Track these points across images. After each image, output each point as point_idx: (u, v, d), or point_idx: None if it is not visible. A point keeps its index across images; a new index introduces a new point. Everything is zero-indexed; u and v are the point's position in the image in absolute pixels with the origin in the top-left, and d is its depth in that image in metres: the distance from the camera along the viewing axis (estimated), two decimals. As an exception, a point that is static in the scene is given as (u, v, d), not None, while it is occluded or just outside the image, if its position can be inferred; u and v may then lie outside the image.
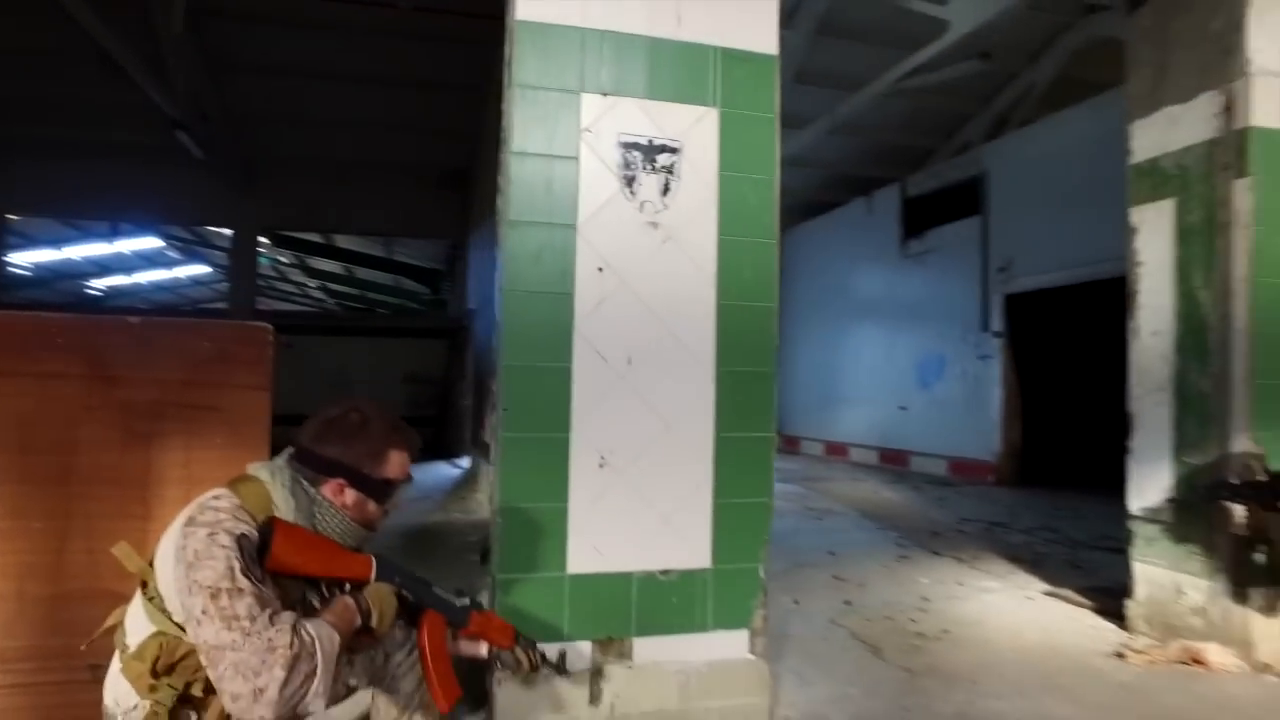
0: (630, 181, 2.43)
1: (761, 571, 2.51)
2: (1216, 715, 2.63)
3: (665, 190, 2.46)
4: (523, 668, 1.85)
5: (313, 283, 21.91)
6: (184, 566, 1.37)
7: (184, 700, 1.45)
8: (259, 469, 1.60)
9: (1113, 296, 8.24)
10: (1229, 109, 3.22)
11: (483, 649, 1.82)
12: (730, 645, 2.46)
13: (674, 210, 2.47)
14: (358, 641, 1.53)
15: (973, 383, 9.38)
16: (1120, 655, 3.17)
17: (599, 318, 2.39)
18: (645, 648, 2.39)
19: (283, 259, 19.16)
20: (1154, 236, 3.49)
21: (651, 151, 2.45)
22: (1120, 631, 3.46)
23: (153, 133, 9.46)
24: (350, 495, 1.60)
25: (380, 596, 1.53)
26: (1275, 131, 3.17)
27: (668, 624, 2.41)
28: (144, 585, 1.53)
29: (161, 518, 2.19)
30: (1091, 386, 9.34)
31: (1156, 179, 3.50)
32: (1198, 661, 3.02)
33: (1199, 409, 3.24)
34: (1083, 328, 9.10)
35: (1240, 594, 3.07)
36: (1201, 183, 3.29)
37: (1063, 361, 9.10)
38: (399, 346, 12.06)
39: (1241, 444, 3.07)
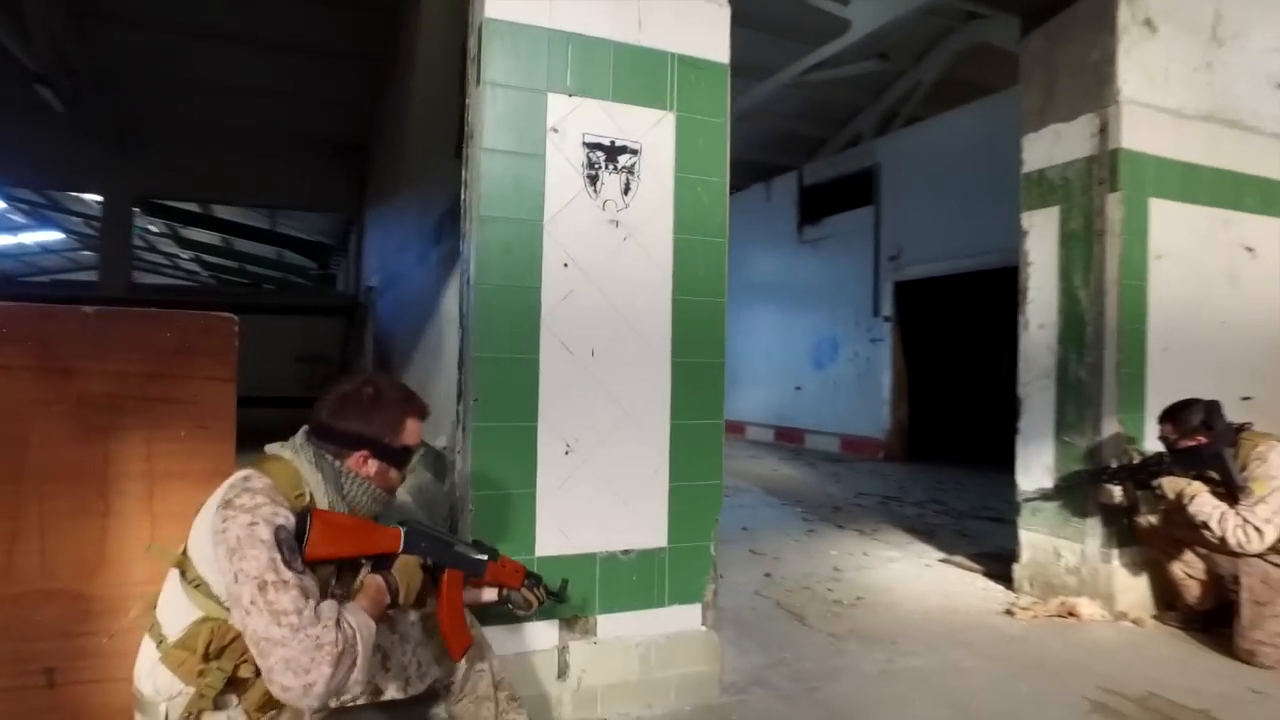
0: (594, 180, 2.54)
1: (712, 549, 2.70)
2: (1088, 658, 3.05)
3: (626, 190, 2.58)
4: (532, 605, 1.99)
5: (185, 254, 20.50)
6: (225, 550, 1.42)
7: (230, 683, 1.50)
8: (281, 448, 1.67)
9: (992, 287, 9.05)
10: (1104, 130, 3.64)
11: (494, 594, 1.96)
12: (684, 618, 2.65)
13: (634, 209, 2.59)
14: (384, 614, 1.63)
15: (864, 364, 10.00)
16: (1010, 612, 3.58)
17: (564, 312, 2.49)
18: (608, 624, 2.53)
19: (152, 228, 17.83)
20: (1041, 239, 3.89)
21: (614, 152, 2.56)
22: (1008, 592, 3.89)
23: (9, 87, 8.63)
24: (374, 465, 1.69)
25: (407, 571, 1.64)
26: (1139, 154, 3.61)
27: (628, 601, 2.56)
28: (183, 572, 1.55)
29: (123, 513, 2.14)
30: (971, 370, 10.18)
31: (1044, 188, 3.89)
32: (1072, 614, 3.46)
33: (1077, 394, 3.67)
34: (964, 315, 9.88)
35: (1106, 555, 3.53)
36: (1082, 194, 3.71)
37: (946, 346, 9.85)
38: (291, 324, 11.57)
39: (1111, 424, 3.52)
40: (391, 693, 1.80)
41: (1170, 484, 3.15)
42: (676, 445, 2.64)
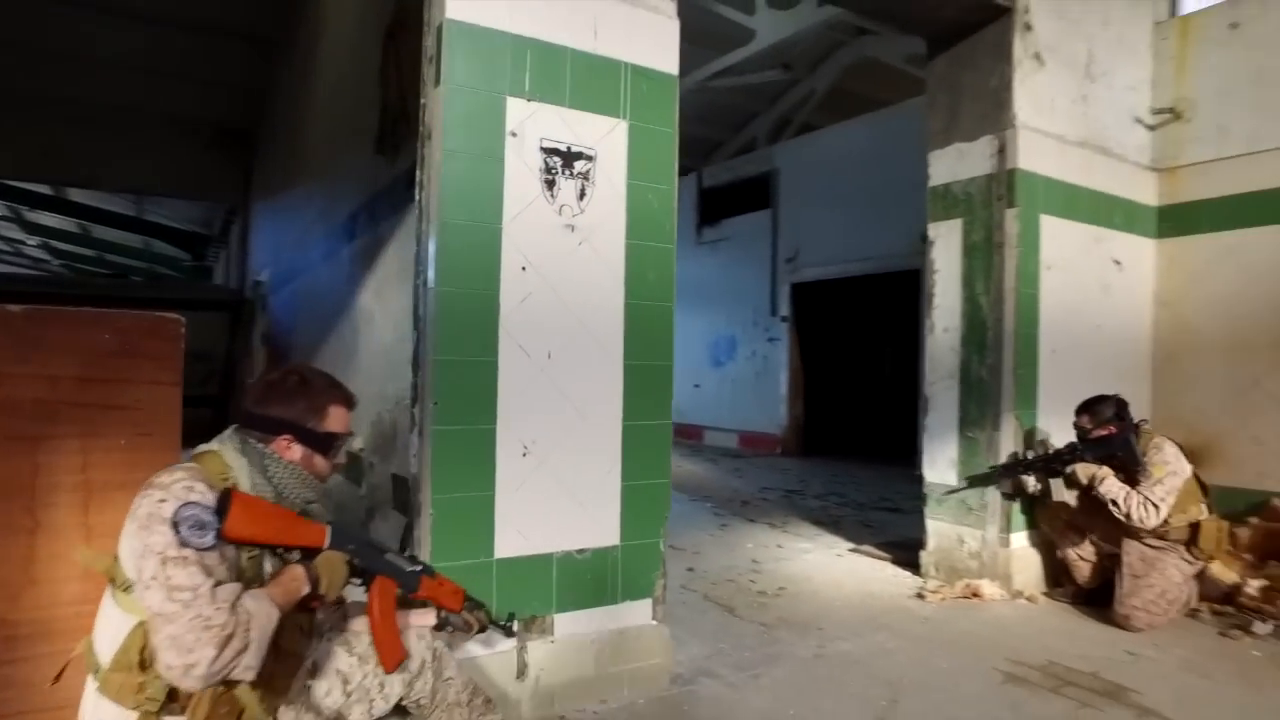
0: (551, 185, 2.56)
1: (662, 545, 2.78)
2: (994, 633, 3.34)
3: (581, 195, 2.62)
4: (472, 629, 1.95)
5: (31, 240, 18.66)
6: (136, 526, 1.42)
7: (174, 695, 1.43)
8: (209, 444, 1.65)
9: (881, 290, 9.61)
10: (1002, 151, 3.98)
11: (432, 618, 1.91)
12: (636, 614, 2.72)
13: (589, 214, 2.63)
14: (310, 606, 1.61)
15: (761, 363, 10.37)
16: (920, 596, 3.86)
17: (522, 315, 2.50)
18: (564, 622, 2.57)
19: (-7, 212, 16.15)
20: (946, 249, 4.20)
21: (570, 158, 2.60)
22: (915, 577, 4.19)
23: None
24: (298, 450, 1.69)
25: (331, 565, 1.61)
26: (1032, 174, 3.97)
27: (583, 599, 2.61)
28: (113, 579, 1.49)
29: (54, 528, 2.00)
30: (860, 369, 10.75)
31: (948, 201, 4.21)
32: (975, 595, 3.77)
33: (979, 393, 3.99)
34: (855, 316, 10.43)
35: (1004, 540, 3.87)
36: (983, 208, 4.04)
37: (839, 345, 10.37)
38: (168, 320, 10.75)
39: (1009, 421, 3.86)
40: (357, 717, 1.76)
41: (1083, 469, 3.51)
42: (628, 445, 2.71)
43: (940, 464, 4.18)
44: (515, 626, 2.10)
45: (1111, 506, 3.38)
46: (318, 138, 6.67)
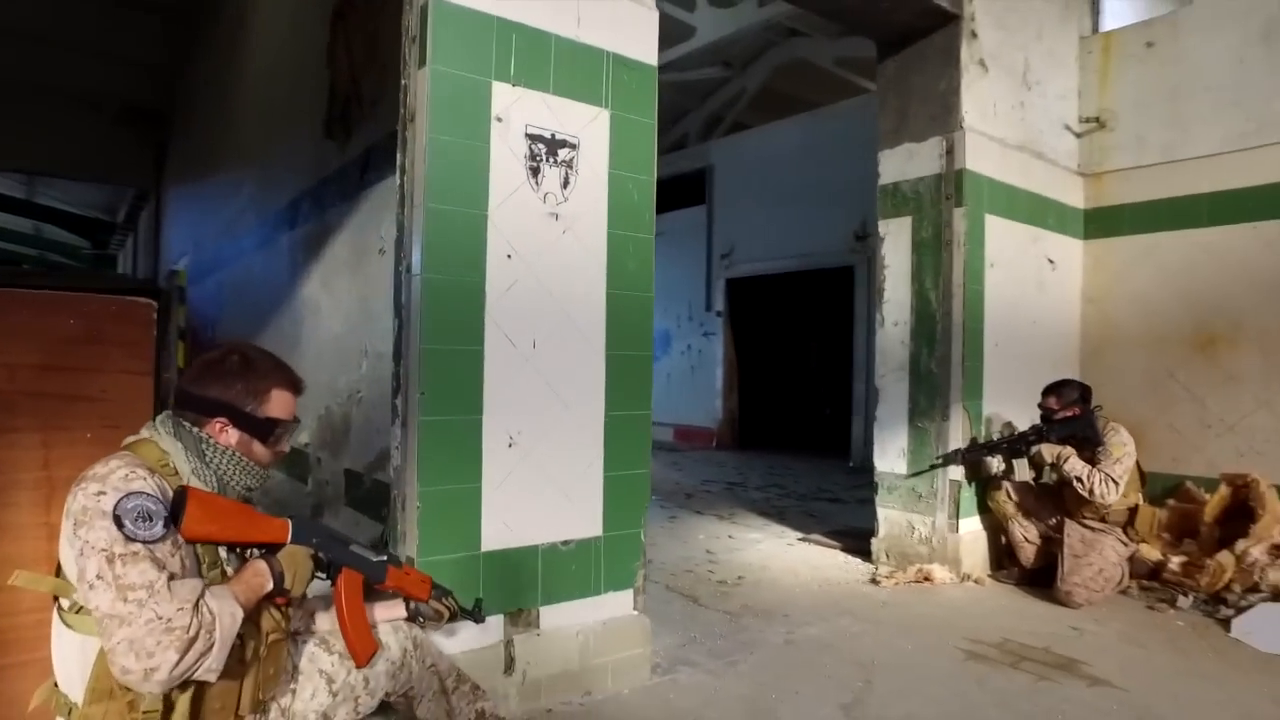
0: (535, 173, 2.52)
1: (642, 535, 2.79)
2: (950, 615, 3.49)
3: (565, 184, 2.59)
4: (442, 618, 1.91)
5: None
6: (71, 523, 1.31)
7: (169, 708, 1.33)
8: (139, 433, 1.54)
9: (812, 286, 9.86)
10: (950, 152, 4.14)
11: (401, 609, 1.86)
12: (619, 604, 2.72)
13: (572, 203, 2.61)
14: (277, 603, 1.53)
15: (696, 357, 10.49)
16: (875, 581, 3.99)
17: (508, 304, 2.46)
18: (549, 615, 2.54)
19: None
20: (896, 245, 4.35)
21: (554, 145, 2.56)
22: (866, 564, 4.32)
23: None
24: (234, 434, 1.56)
25: (295, 559, 1.53)
26: (978, 175, 4.15)
27: (568, 590, 2.59)
28: (58, 603, 1.38)
29: (14, 529, 1.86)
30: (792, 363, 11.00)
31: (898, 199, 4.35)
32: (927, 579, 3.92)
33: (929, 385, 4.15)
34: (786, 311, 10.66)
35: (953, 526, 4.04)
36: (932, 207, 4.19)
37: (770, 340, 10.58)
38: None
39: (958, 411, 4.03)
40: (343, 716, 1.70)
41: (1048, 449, 3.72)
42: (610, 436, 2.70)
43: (891, 453, 4.32)
44: (483, 612, 2.06)
45: (1075, 483, 3.58)
46: (249, 120, 6.36)
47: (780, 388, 10.72)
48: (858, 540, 4.56)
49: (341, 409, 3.97)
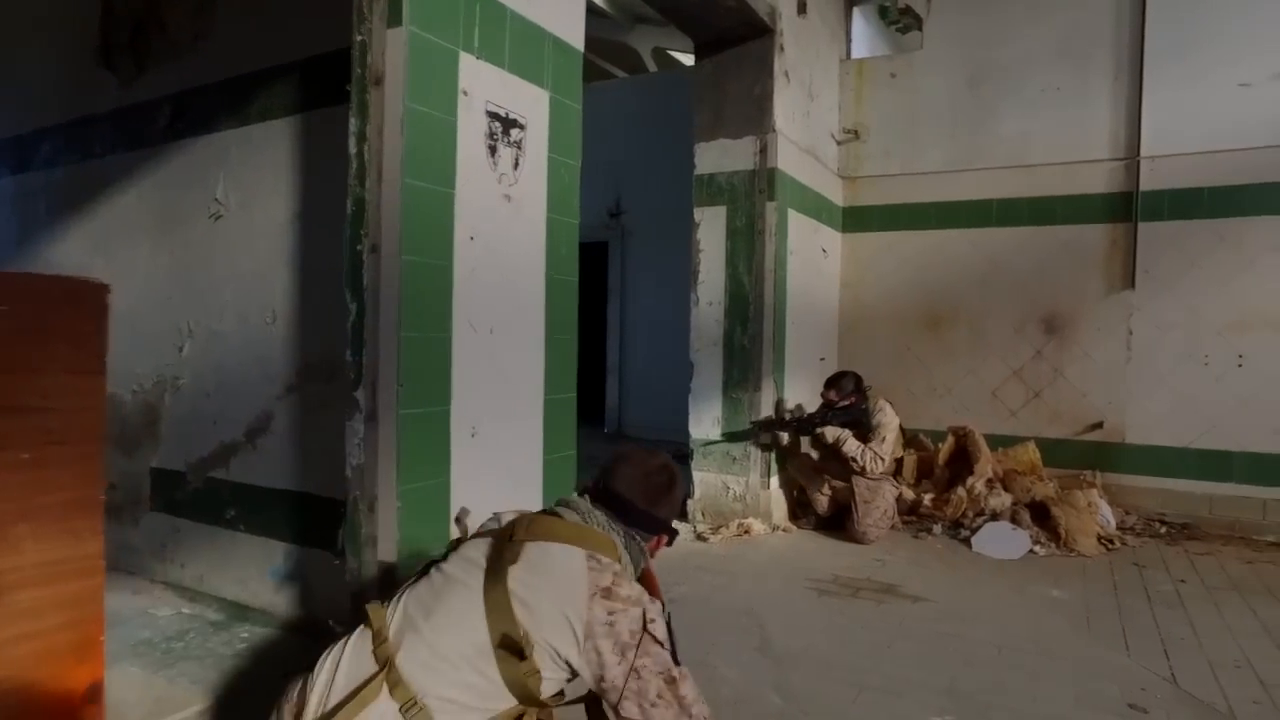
0: (493, 151, 2.43)
1: (572, 515, 2.85)
2: (782, 559, 4.05)
3: (516, 165, 2.53)
4: None
5: None
6: (613, 644, 1.45)
7: None
8: (582, 516, 1.66)
9: (587, 261, 10.06)
10: (763, 151, 4.65)
11: None
12: (557, 584, 2.76)
13: (521, 185, 2.55)
14: None
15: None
16: (701, 538, 4.44)
17: (470, 288, 2.36)
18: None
19: None
20: (711, 231, 4.78)
21: (508, 125, 2.48)
22: (682, 522, 4.76)
23: None
24: (665, 548, 1.85)
25: None
26: (784, 173, 4.72)
27: (520, 577, 2.58)
28: (508, 649, 1.46)
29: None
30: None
31: (713, 189, 4.78)
32: (747, 532, 4.47)
33: (742, 359, 4.67)
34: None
35: (764, 484, 4.63)
36: (745, 199, 4.68)
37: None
38: None
39: (768, 383, 4.61)
40: None
41: (830, 432, 4.39)
42: (548, 419, 2.72)
43: (706, 422, 4.79)
44: None
45: (851, 462, 4.32)
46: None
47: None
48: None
49: (139, 398, 3.35)
